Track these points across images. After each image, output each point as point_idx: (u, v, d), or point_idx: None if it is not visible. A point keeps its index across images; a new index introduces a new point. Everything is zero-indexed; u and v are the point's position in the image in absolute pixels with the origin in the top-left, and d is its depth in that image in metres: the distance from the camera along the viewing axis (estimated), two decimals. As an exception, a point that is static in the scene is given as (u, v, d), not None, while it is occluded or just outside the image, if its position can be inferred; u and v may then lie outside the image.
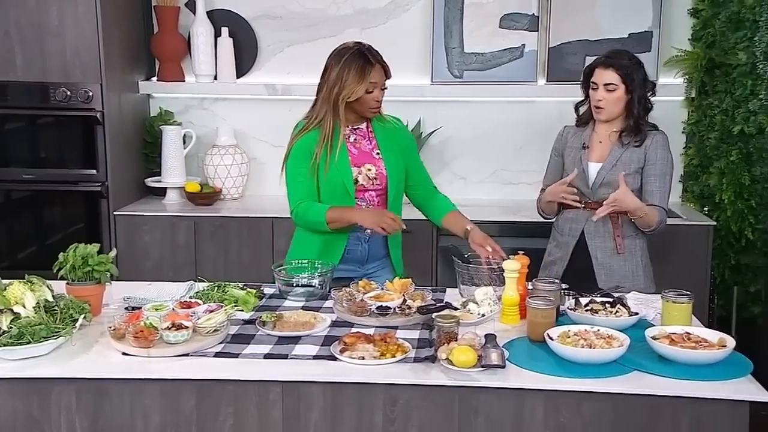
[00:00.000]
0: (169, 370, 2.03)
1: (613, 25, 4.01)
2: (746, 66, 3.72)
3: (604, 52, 3.92)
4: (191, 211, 3.97)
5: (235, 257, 3.87)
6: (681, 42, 4.05)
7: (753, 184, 3.76)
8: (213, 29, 4.17)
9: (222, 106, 4.32)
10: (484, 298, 2.29)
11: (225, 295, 2.44)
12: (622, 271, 2.80)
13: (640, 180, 2.80)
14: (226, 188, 4.16)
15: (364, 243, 2.74)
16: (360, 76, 2.59)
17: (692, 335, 2.08)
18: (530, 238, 3.69)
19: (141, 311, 2.27)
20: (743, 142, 3.79)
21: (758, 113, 3.68)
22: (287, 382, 2.00)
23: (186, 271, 3.86)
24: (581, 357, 1.99)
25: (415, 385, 1.97)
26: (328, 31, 4.19)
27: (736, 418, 1.90)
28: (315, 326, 2.24)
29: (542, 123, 4.13)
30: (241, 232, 3.87)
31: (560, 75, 4.05)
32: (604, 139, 2.85)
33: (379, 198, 2.75)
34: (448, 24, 4.06)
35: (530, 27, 4.04)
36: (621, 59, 2.77)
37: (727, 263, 3.90)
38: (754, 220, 3.77)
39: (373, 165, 2.72)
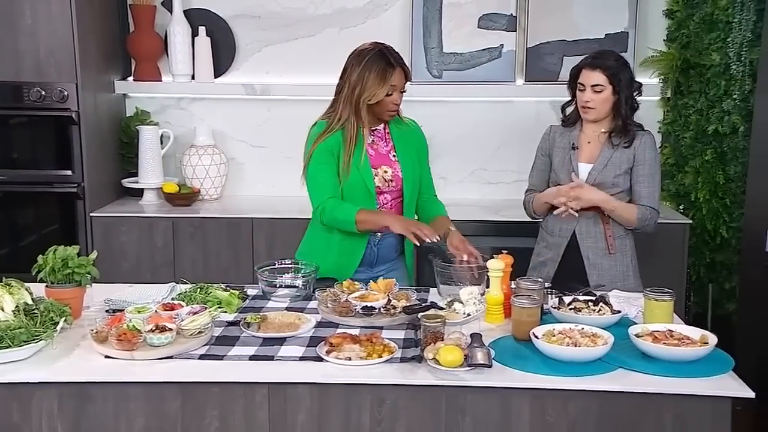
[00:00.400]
0: (154, 372, 2.01)
1: (589, 25, 4.05)
2: (720, 66, 3.77)
3: (581, 52, 4.01)
4: (169, 212, 3.93)
5: (214, 258, 3.84)
6: (656, 42, 4.09)
7: (727, 182, 3.82)
8: (190, 28, 4.13)
9: (200, 106, 4.28)
10: (469, 297, 2.29)
11: (208, 297, 2.42)
12: (613, 271, 2.81)
13: (629, 180, 2.81)
14: (204, 189, 4.12)
15: (374, 246, 2.73)
16: (381, 78, 2.58)
17: (675, 332, 2.11)
18: (510, 237, 3.71)
19: (123, 314, 2.24)
20: (717, 142, 3.85)
21: (732, 113, 3.74)
22: (274, 384, 1.98)
23: (164, 272, 3.82)
24: (567, 355, 2.00)
25: (401, 385, 1.96)
26: (307, 30, 4.18)
27: (719, 414, 1.92)
28: (300, 327, 2.23)
29: (521, 123, 4.16)
30: (220, 233, 3.84)
31: (538, 75, 4.07)
32: (592, 139, 2.85)
33: (394, 201, 2.74)
34: (427, 24, 4.06)
35: (508, 27, 4.06)
36: (607, 60, 2.78)
37: (702, 261, 3.96)
38: (729, 218, 3.83)
39: (389, 167, 2.71)
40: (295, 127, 4.19)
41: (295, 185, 4.15)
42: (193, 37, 4.14)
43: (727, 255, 3.85)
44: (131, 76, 4.26)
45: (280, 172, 4.28)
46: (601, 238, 2.81)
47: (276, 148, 4.28)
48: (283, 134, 4.26)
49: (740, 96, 3.69)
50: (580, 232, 2.83)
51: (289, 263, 2.62)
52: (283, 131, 4.26)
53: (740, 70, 3.67)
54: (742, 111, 3.70)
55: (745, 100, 3.69)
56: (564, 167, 2.84)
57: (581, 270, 2.80)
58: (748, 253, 3.53)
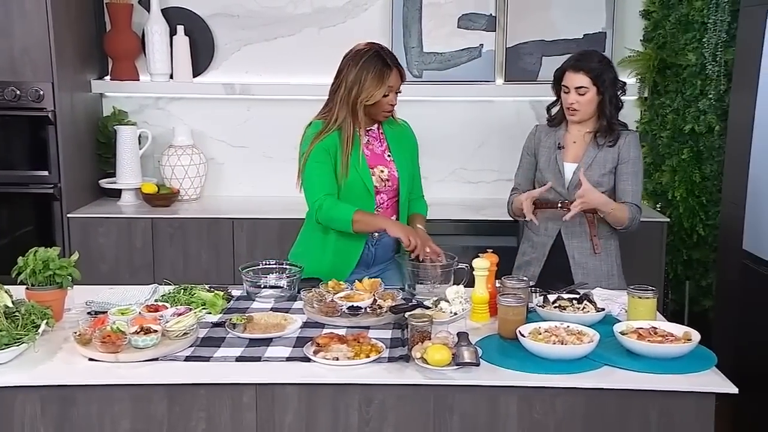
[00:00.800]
0: (139, 375, 1.98)
1: (568, 25, 4.08)
2: (696, 66, 3.82)
3: (559, 52, 4.05)
4: (148, 213, 3.89)
5: (194, 259, 3.81)
6: (633, 43, 4.14)
7: (703, 181, 3.86)
8: (168, 27, 4.10)
9: (178, 106, 4.24)
10: (455, 296, 2.29)
11: (192, 298, 2.40)
12: (599, 271, 2.83)
13: (613, 179, 2.82)
14: (183, 189, 4.09)
15: (371, 247, 2.73)
16: (379, 80, 2.57)
17: (658, 330, 2.13)
18: (491, 236, 3.74)
19: (106, 316, 2.22)
20: (694, 141, 3.89)
21: (708, 112, 3.78)
22: (261, 385, 1.97)
23: (143, 273, 3.79)
24: (554, 353, 2.01)
25: (389, 385, 1.96)
26: (286, 30, 4.16)
27: (703, 410, 1.94)
28: (286, 328, 2.22)
29: (501, 122, 4.18)
30: (201, 234, 3.81)
31: (518, 75, 4.09)
32: (578, 139, 2.86)
33: (390, 201, 2.73)
34: (407, 24, 4.07)
35: (488, 27, 4.07)
36: (591, 61, 2.78)
37: (679, 259, 4.00)
38: (705, 216, 3.87)
39: (385, 167, 2.71)
40: (276, 126, 4.23)
41: (275, 185, 4.20)
42: (171, 36, 4.11)
43: (703, 252, 3.90)
44: (108, 75, 4.21)
45: (260, 172, 4.27)
46: (586, 239, 2.82)
47: (256, 148, 4.26)
48: (263, 134, 4.25)
49: (716, 96, 3.74)
50: (566, 232, 2.84)
51: (273, 264, 2.60)
52: (263, 131, 4.24)
53: (716, 70, 3.71)
54: (718, 110, 3.74)
55: (720, 99, 3.73)
56: (550, 167, 2.85)
57: (566, 269, 2.81)
58: (724, 250, 3.57)
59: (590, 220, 2.82)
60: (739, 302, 3.33)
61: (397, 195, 2.73)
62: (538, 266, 2.86)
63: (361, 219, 2.57)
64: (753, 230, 3.17)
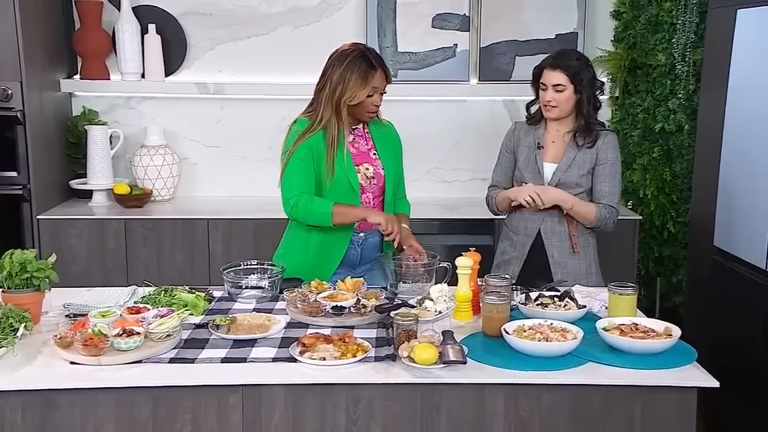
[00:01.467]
0: (123, 378, 1.95)
1: (540, 26, 4.11)
2: (665, 66, 3.88)
3: (532, 51, 4.09)
4: (120, 214, 3.84)
5: (168, 260, 3.77)
6: (604, 43, 4.19)
7: (674, 179, 3.93)
8: (139, 26, 4.05)
9: (150, 105, 4.19)
10: (439, 295, 2.30)
11: (173, 299, 2.37)
12: (578, 269, 2.85)
13: (591, 180, 2.84)
14: (156, 190, 4.04)
15: (357, 246, 2.72)
16: (363, 80, 2.57)
17: (639, 325, 2.16)
18: (467, 234, 3.76)
19: (86, 318, 2.18)
20: (664, 140, 3.96)
21: (677, 112, 3.85)
22: (247, 386, 1.95)
23: (116, 275, 3.75)
24: (539, 350, 2.03)
25: (376, 384, 1.96)
26: (260, 29, 4.14)
27: (685, 404, 1.97)
28: (270, 328, 2.20)
29: (475, 121, 4.21)
30: (175, 235, 3.77)
31: (491, 74, 4.12)
32: (557, 139, 2.87)
33: (376, 199, 2.73)
34: (382, 23, 4.07)
35: (462, 27, 4.09)
36: (569, 60, 2.80)
37: (650, 256, 4.06)
38: (675, 213, 3.94)
39: (370, 165, 2.71)
40: (250, 126, 4.21)
41: (249, 185, 4.18)
42: (143, 34, 4.05)
43: (674, 249, 3.97)
44: (78, 74, 4.14)
45: (234, 172, 4.24)
46: (565, 237, 2.84)
47: (230, 148, 4.23)
48: (236, 134, 4.22)
49: (685, 95, 3.81)
50: (545, 231, 2.85)
51: (254, 264, 2.58)
52: (237, 131, 4.21)
53: (685, 70, 3.78)
54: (687, 110, 3.81)
55: (689, 99, 3.80)
56: (529, 166, 2.87)
57: (546, 268, 2.83)
58: (695, 247, 3.64)
59: (569, 219, 2.84)
60: (709, 298, 3.39)
61: (382, 194, 2.73)
62: (518, 265, 2.88)
63: (340, 211, 2.58)
64: (724, 227, 3.24)
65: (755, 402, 2.91)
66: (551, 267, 2.84)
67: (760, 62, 2.97)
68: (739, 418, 3.02)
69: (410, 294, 2.47)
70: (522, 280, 2.59)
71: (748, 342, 2.98)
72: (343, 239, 2.68)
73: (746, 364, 2.96)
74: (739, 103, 3.13)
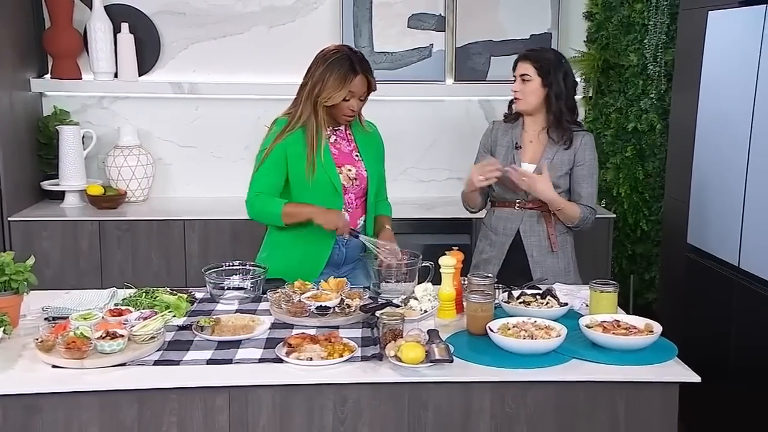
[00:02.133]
0: (107, 381, 1.93)
1: (515, 26, 4.15)
2: (637, 67, 3.94)
3: (508, 52, 4.13)
4: (94, 215, 3.79)
5: (144, 262, 3.73)
6: (577, 43, 4.24)
7: (646, 178, 4.00)
8: (111, 25, 4.00)
9: (123, 105, 4.14)
10: (423, 294, 2.31)
11: (155, 301, 2.34)
12: (556, 268, 2.87)
13: (569, 181, 2.87)
14: (130, 190, 3.99)
15: (342, 246, 2.72)
16: (340, 82, 2.56)
17: (621, 322, 2.19)
18: (444, 234, 3.78)
19: (67, 321, 2.15)
20: (636, 139, 4.02)
21: (649, 111, 3.91)
22: (234, 387, 1.95)
23: (90, 278, 3.70)
24: (524, 348, 2.05)
25: (364, 384, 1.96)
26: (235, 28, 4.11)
27: (667, 399, 2.01)
28: (255, 329, 2.19)
29: (451, 121, 4.23)
30: (150, 236, 3.73)
31: (467, 74, 4.14)
32: (534, 138, 2.89)
33: (359, 200, 2.73)
34: (357, 23, 4.07)
35: (437, 27, 4.11)
36: (542, 53, 2.84)
37: (624, 253, 4.12)
38: (648, 212, 4.00)
39: (353, 166, 2.70)
40: (225, 126, 4.18)
41: (225, 186, 4.15)
42: (115, 33, 4.01)
43: (647, 247, 4.03)
44: (48, 73, 4.08)
45: (209, 173, 4.21)
46: (544, 236, 2.86)
47: (205, 148, 4.20)
48: (212, 134, 4.19)
49: (657, 95, 3.87)
50: (524, 231, 2.87)
51: (236, 265, 2.57)
52: (212, 131, 4.19)
53: (656, 70, 3.85)
54: (659, 109, 3.88)
55: (661, 99, 3.87)
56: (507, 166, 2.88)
57: (525, 267, 2.85)
58: (668, 244, 3.71)
59: (547, 219, 2.87)
60: (682, 294, 3.45)
61: (365, 195, 2.73)
62: (497, 264, 2.89)
63: (290, 212, 2.59)
64: (697, 224, 3.30)
65: (729, 398, 2.97)
66: (530, 266, 2.86)
67: (731, 63, 3.04)
68: (713, 414, 3.08)
69: (393, 293, 2.48)
70: (501, 279, 2.60)
71: (722, 338, 3.04)
72: (327, 240, 2.68)
73: (720, 361, 3.02)
74: (712, 103, 3.20)
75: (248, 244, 3.65)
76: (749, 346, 2.89)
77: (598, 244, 3.89)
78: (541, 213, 2.85)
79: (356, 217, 2.74)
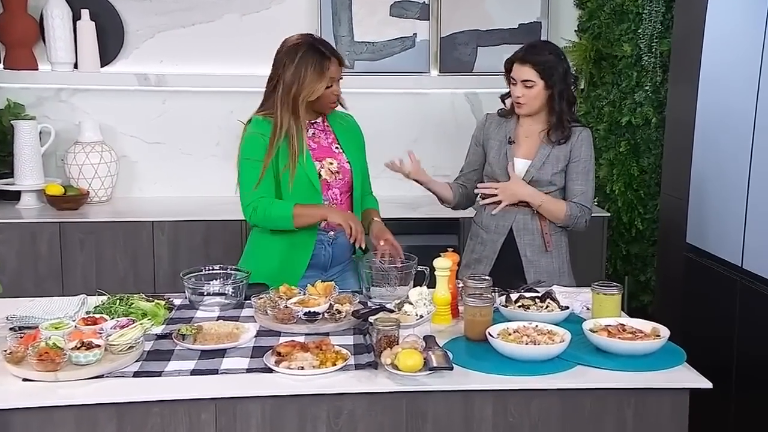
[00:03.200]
0: (83, 394, 1.92)
1: (503, 15, 4.19)
2: (631, 58, 3.99)
3: (495, 42, 4.15)
4: (54, 217, 3.75)
5: (109, 267, 3.70)
6: (568, 33, 4.29)
7: (641, 174, 4.05)
8: (71, 11, 3.97)
9: (84, 98, 4.11)
10: (419, 298, 2.32)
11: (131, 309, 2.33)
12: (550, 267, 2.90)
13: (564, 177, 2.90)
14: (93, 190, 3.97)
15: (328, 246, 2.72)
16: (319, 73, 2.57)
17: (627, 326, 2.22)
18: (431, 234, 3.79)
19: (37, 331, 2.13)
20: (630, 133, 4.07)
21: (644, 104, 3.96)
22: (221, 399, 1.94)
23: (50, 284, 3.67)
24: (527, 354, 2.07)
25: (360, 394, 1.97)
26: (204, 16, 4.10)
27: (677, 406, 2.04)
28: (240, 337, 2.19)
29: (436, 115, 4.25)
30: (116, 239, 3.71)
31: (453, 65, 4.17)
32: (530, 134, 2.91)
33: (343, 195, 2.74)
34: (336, 11, 4.08)
35: (421, 15, 4.13)
36: (539, 54, 2.82)
37: (618, 254, 4.18)
38: (643, 210, 4.06)
39: (334, 159, 2.72)
40: (195, 120, 4.16)
41: (195, 184, 4.14)
42: (75, 21, 3.98)
43: (642, 247, 4.08)
44: (1, 64, 4.03)
45: (178, 170, 4.19)
46: (538, 235, 2.89)
47: (173, 144, 4.17)
48: (180, 129, 4.17)
49: (652, 87, 3.92)
50: (517, 229, 2.89)
51: (217, 269, 2.56)
52: (181, 125, 4.17)
53: (651, 61, 3.89)
54: (654, 102, 3.93)
55: (656, 91, 3.92)
56: (500, 161, 2.90)
57: (518, 267, 2.87)
58: (665, 244, 3.76)
59: (541, 217, 2.89)
60: (681, 296, 3.50)
61: (350, 189, 2.75)
62: (489, 265, 2.91)
63: (301, 212, 2.59)
64: (696, 223, 3.35)
65: (733, 403, 3.03)
66: (524, 266, 2.88)
67: (733, 53, 3.08)
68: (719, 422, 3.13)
69: (385, 298, 2.49)
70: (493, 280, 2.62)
71: (724, 342, 3.09)
72: (309, 239, 2.68)
73: (723, 365, 3.07)
74: (712, 95, 3.25)
75: (222, 246, 3.65)
76: (754, 349, 2.94)
77: (591, 244, 3.93)
78: (534, 210, 2.87)
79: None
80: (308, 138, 2.70)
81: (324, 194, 2.68)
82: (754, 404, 2.93)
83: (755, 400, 2.91)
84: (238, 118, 2.81)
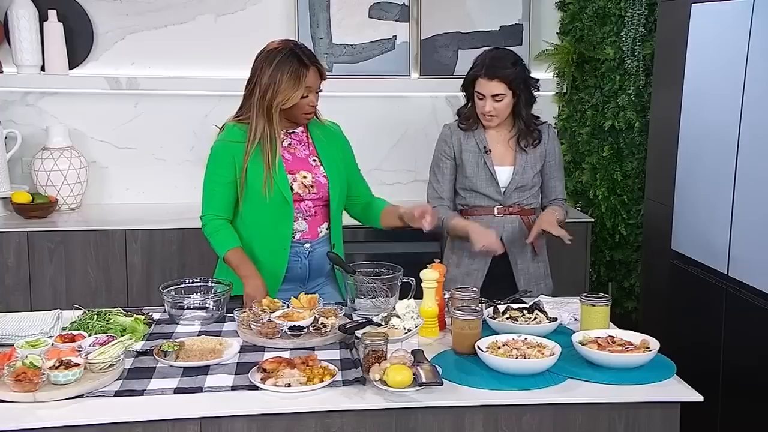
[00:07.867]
0: (63, 415, 1.91)
1: (484, 17, 4.23)
2: (614, 61, 4.05)
3: (476, 44, 4.18)
4: (20, 226, 3.72)
5: (79, 278, 3.68)
6: (550, 35, 4.34)
7: (624, 179, 4.11)
8: (37, 12, 3.94)
9: (52, 102, 4.08)
10: (406, 311, 2.34)
11: (109, 324, 2.33)
12: (538, 273, 3.01)
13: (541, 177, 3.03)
14: (62, 197, 3.94)
15: (304, 259, 2.72)
16: (295, 80, 2.58)
17: (616, 338, 2.26)
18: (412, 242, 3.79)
19: (12, 349, 2.12)
20: (614, 137, 4.13)
21: (627, 108, 4.02)
22: (206, 419, 1.95)
23: (17, 297, 3.65)
24: (518, 368, 2.10)
25: (348, 411, 1.99)
26: (178, 17, 4.09)
27: (668, 419, 2.08)
28: (223, 353, 2.19)
29: (416, 119, 4.27)
30: (86, 248, 3.68)
31: (433, 68, 4.20)
32: (500, 141, 3.00)
33: (317, 208, 2.74)
34: (314, 12, 4.09)
35: (401, 17, 4.16)
36: (504, 67, 2.86)
37: (602, 260, 4.23)
38: (627, 215, 4.12)
39: (309, 172, 2.72)
40: (168, 125, 4.15)
41: (169, 191, 4.12)
42: (41, 21, 3.95)
43: (625, 253, 4.14)
44: (-36, 66, 4.00)
45: (151, 176, 4.18)
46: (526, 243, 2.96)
47: (145, 149, 4.16)
48: (153, 133, 4.16)
49: (635, 91, 3.98)
50: (507, 238, 2.95)
51: (197, 281, 2.56)
52: (154, 130, 4.15)
53: (634, 65, 3.95)
54: (637, 106, 3.99)
55: (639, 95, 3.98)
56: (480, 173, 2.95)
57: (509, 277, 2.93)
58: (650, 250, 3.81)
59: (527, 223, 2.96)
60: (666, 303, 3.56)
61: (326, 203, 2.75)
62: (481, 278, 2.97)
63: (230, 261, 2.64)
64: (682, 229, 3.40)
65: (721, 412, 3.08)
66: (515, 275, 2.95)
67: (717, 59, 3.14)
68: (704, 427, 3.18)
69: (370, 310, 2.50)
70: (486, 292, 2.66)
71: (711, 351, 3.15)
72: (281, 253, 2.69)
73: (709, 374, 3.13)
74: (696, 101, 3.31)
75: (198, 256, 3.64)
76: (740, 357, 3.00)
77: (575, 250, 3.94)
78: (520, 218, 2.93)
79: (317, 224, 2.76)
80: (284, 148, 2.70)
81: (296, 206, 2.69)
82: (740, 412, 2.99)
83: (742, 407, 2.98)
84: (213, 122, 2.83)
